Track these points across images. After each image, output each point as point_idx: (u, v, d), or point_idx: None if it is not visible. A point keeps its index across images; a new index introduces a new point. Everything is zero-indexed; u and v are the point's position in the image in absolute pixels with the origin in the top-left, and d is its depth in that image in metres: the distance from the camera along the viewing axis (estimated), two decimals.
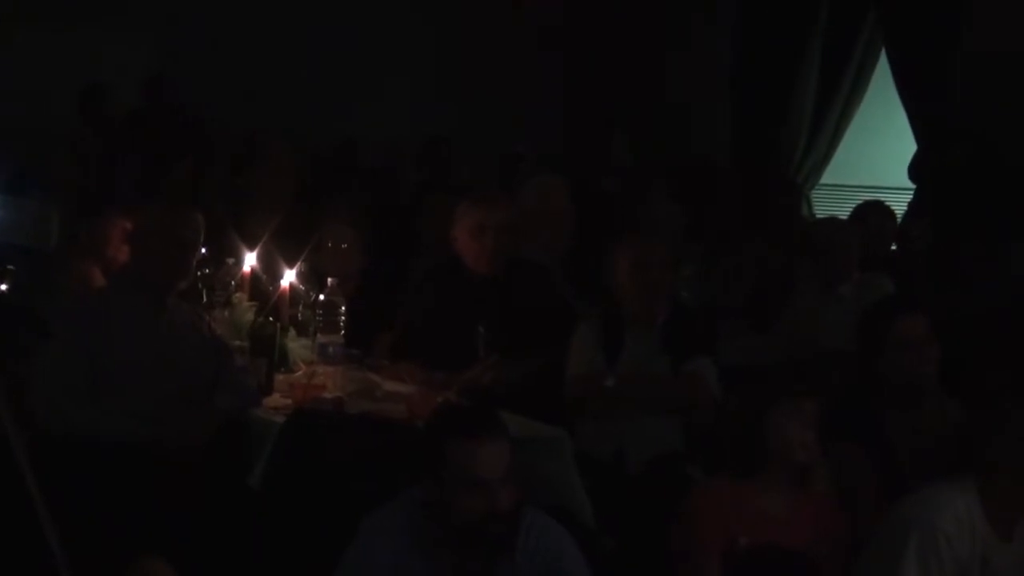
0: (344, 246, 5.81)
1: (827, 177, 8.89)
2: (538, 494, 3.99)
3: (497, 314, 5.28)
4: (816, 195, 8.87)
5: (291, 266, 5.53)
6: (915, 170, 7.89)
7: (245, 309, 5.39)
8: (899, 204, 7.42)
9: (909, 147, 7.95)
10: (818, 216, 8.34)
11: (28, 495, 2.64)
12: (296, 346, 5.30)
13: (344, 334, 5.29)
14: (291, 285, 5.48)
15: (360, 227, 6.01)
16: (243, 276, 5.61)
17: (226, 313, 5.42)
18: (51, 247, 2.78)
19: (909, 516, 3.75)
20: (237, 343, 5.09)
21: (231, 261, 5.67)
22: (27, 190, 2.63)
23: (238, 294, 5.54)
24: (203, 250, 5.10)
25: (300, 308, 5.49)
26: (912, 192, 7.90)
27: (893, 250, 6.74)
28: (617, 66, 9.16)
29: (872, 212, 6.69)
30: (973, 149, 7.43)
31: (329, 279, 5.42)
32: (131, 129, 8.12)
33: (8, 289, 3.44)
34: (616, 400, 5.01)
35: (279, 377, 5.03)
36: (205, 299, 5.48)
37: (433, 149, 8.48)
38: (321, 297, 5.37)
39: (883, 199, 7.09)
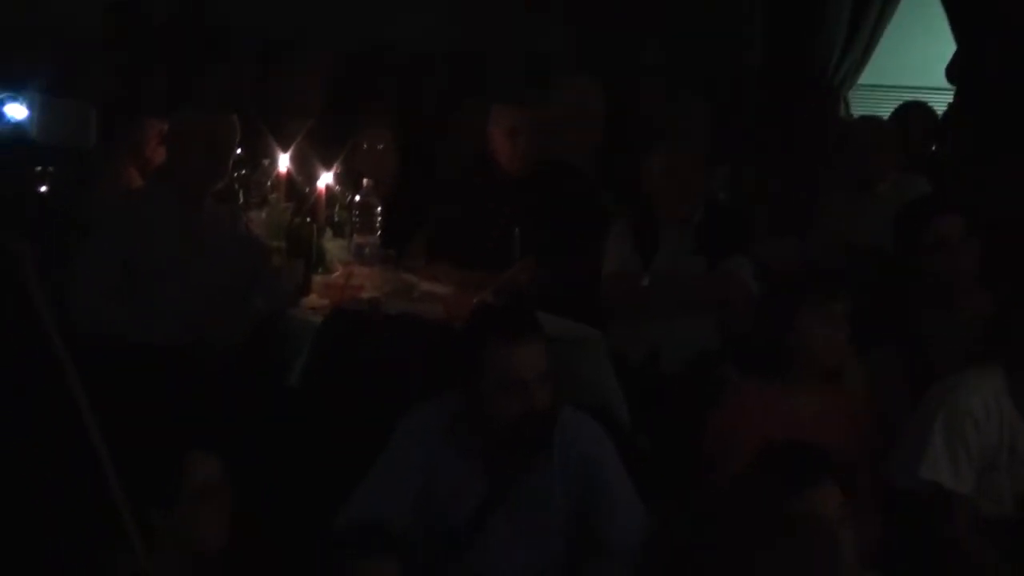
0: (380, 148, 5.80)
1: (866, 78, 8.77)
2: (574, 394, 4.01)
3: (532, 215, 5.28)
4: (854, 96, 8.76)
5: (328, 167, 5.53)
6: (954, 71, 7.78)
7: (282, 210, 5.41)
8: (940, 105, 7.31)
9: (950, 47, 7.84)
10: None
11: (73, 399, 2.67)
12: (333, 247, 5.32)
13: (380, 235, 5.31)
14: (327, 186, 5.48)
15: (395, 129, 5.99)
16: (279, 177, 5.61)
17: (263, 214, 5.43)
18: (90, 147, 2.78)
19: (936, 400, 3.78)
20: (274, 244, 5.11)
21: (267, 162, 5.67)
22: (65, 91, 2.63)
23: (274, 195, 5.55)
24: (239, 151, 5.11)
25: (336, 209, 5.50)
26: (952, 93, 7.80)
27: (932, 151, 6.67)
28: None
29: (912, 112, 6.61)
30: (1012, 52, 7.31)
31: (365, 180, 5.42)
32: (160, 38, 8.07)
33: (48, 191, 3.46)
34: (651, 299, 5.02)
35: (316, 277, 5.06)
36: (242, 200, 5.49)
37: (464, 55, 8.42)
38: (357, 198, 5.39)
39: (923, 100, 7.00)
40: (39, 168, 2.88)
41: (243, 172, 5.54)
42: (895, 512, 3.84)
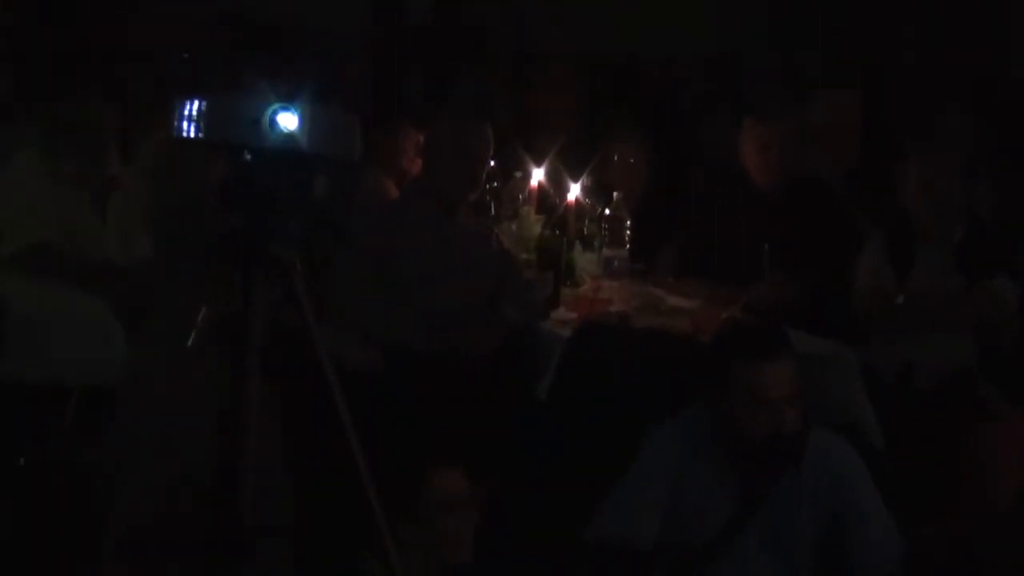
0: (632, 160, 5.81)
1: None
2: (824, 411, 3.98)
3: (782, 231, 5.24)
4: None
5: (576, 179, 5.57)
6: None
7: (532, 223, 5.47)
8: None
9: None
10: None
11: (333, 402, 2.75)
12: (582, 260, 5.36)
13: (629, 248, 5.33)
14: (577, 199, 5.53)
15: (646, 141, 6.00)
16: (531, 190, 5.68)
17: (513, 226, 5.50)
18: (355, 158, 2.87)
19: None
20: (524, 256, 5.18)
21: (519, 175, 5.75)
22: (333, 100, 2.72)
23: (526, 208, 5.61)
24: (492, 163, 5.19)
25: (586, 222, 5.53)
26: None
27: None
28: None
29: None
30: None
31: (615, 193, 5.45)
32: (421, 39, 8.24)
33: (313, 201, 3.58)
34: (906, 318, 4.93)
35: (565, 291, 5.11)
36: (493, 212, 5.57)
37: (719, 63, 8.36)
38: (607, 211, 5.42)
39: None
40: (306, 178, 2.99)
41: (495, 184, 5.62)
42: None
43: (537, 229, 5.39)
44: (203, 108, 2.70)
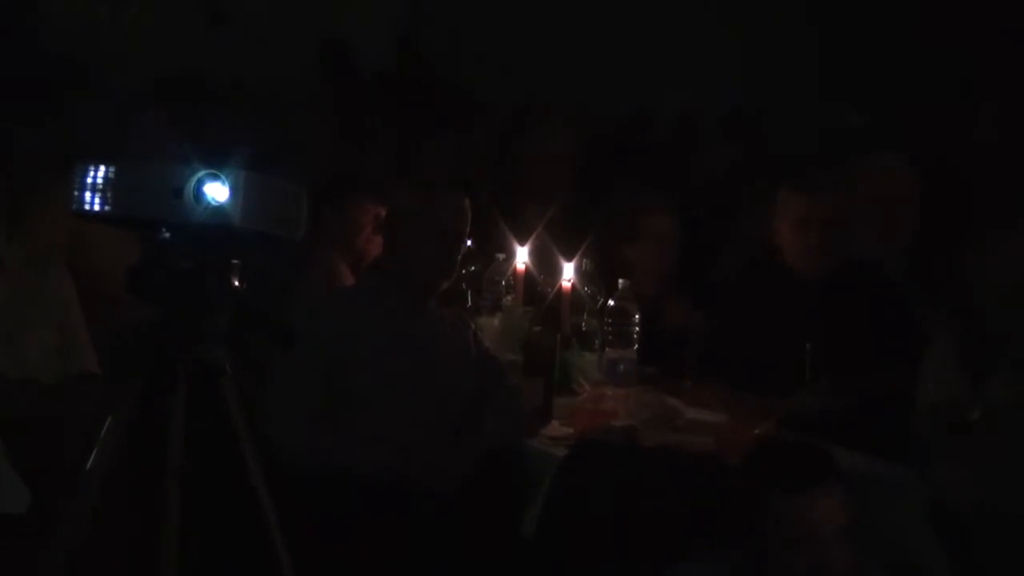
0: (661, 238, 5.79)
1: None
2: (880, 548, 3.96)
3: (827, 326, 5.24)
4: None
5: (570, 259, 5.54)
6: None
7: (519, 316, 5.46)
8: None
9: None
10: None
11: (266, 528, 2.74)
12: (580, 362, 5.35)
13: (638, 348, 5.31)
14: (572, 285, 5.51)
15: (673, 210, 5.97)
16: (516, 275, 5.67)
17: (496, 321, 5.50)
18: (299, 236, 2.86)
19: None
20: (509, 357, 5.15)
21: (501, 257, 5.74)
22: (272, 167, 2.71)
23: (510, 297, 5.61)
24: (469, 243, 5.18)
25: (584, 316, 5.52)
26: None
27: None
28: (988, 13, 8.90)
29: None
30: None
31: (620, 281, 5.44)
32: (383, 95, 8.30)
33: (249, 290, 3.55)
34: (984, 438, 4.91)
35: (559, 400, 5.11)
36: (471, 303, 5.56)
37: (743, 121, 8.43)
38: (610, 302, 5.40)
39: None
40: (238, 261, 2.98)
41: (473, 268, 5.61)
42: None
43: (524, 324, 5.38)
44: (110, 175, 2.68)
